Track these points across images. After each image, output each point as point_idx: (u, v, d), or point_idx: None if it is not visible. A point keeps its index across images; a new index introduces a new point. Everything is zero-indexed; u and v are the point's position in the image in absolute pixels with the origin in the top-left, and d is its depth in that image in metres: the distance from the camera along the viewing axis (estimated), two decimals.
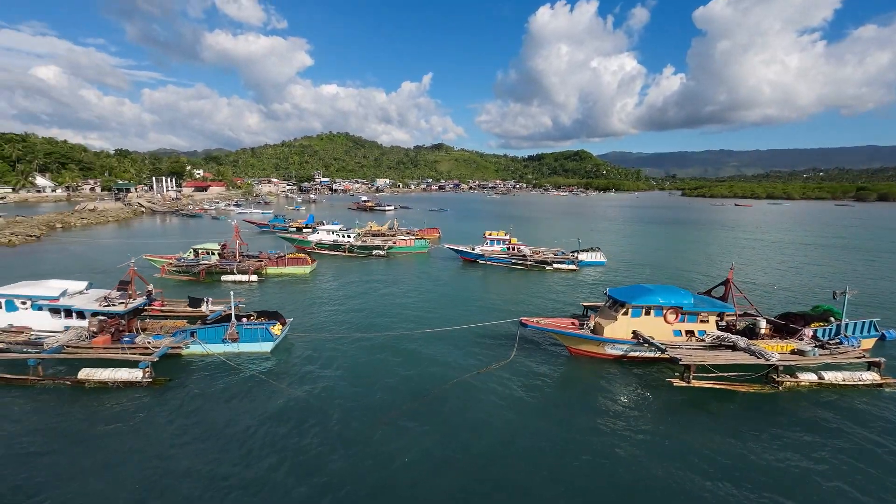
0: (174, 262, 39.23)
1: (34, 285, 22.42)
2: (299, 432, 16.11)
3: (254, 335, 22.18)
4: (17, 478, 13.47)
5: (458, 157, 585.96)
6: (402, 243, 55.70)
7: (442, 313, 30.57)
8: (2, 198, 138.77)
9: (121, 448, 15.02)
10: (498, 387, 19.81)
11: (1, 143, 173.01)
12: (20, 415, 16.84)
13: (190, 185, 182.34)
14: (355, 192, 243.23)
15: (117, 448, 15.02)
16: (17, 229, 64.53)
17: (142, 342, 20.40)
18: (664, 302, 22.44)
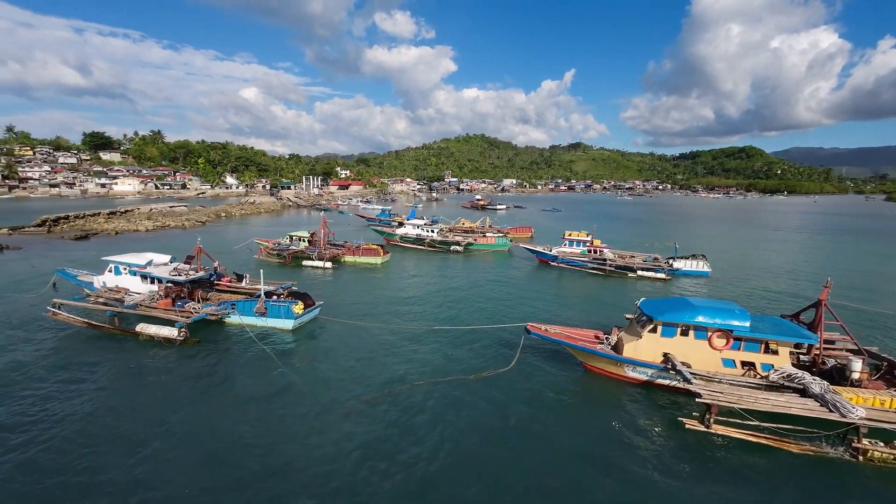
0: (270, 246, 45.13)
1: (134, 256, 28.16)
2: (267, 403, 17.18)
3: (278, 312, 24.31)
4: (71, 393, 17.11)
5: (597, 157, 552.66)
6: (483, 240, 54.92)
7: (478, 312, 29.36)
8: (202, 193, 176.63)
9: (139, 388, 17.97)
10: (474, 396, 18.23)
11: (208, 150, 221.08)
12: (88, 351, 21.33)
13: (335, 184, 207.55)
14: (480, 191, 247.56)
15: (136, 387, 18.01)
16: (192, 216, 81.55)
17: (190, 308, 24.02)
18: (708, 321, 17.90)
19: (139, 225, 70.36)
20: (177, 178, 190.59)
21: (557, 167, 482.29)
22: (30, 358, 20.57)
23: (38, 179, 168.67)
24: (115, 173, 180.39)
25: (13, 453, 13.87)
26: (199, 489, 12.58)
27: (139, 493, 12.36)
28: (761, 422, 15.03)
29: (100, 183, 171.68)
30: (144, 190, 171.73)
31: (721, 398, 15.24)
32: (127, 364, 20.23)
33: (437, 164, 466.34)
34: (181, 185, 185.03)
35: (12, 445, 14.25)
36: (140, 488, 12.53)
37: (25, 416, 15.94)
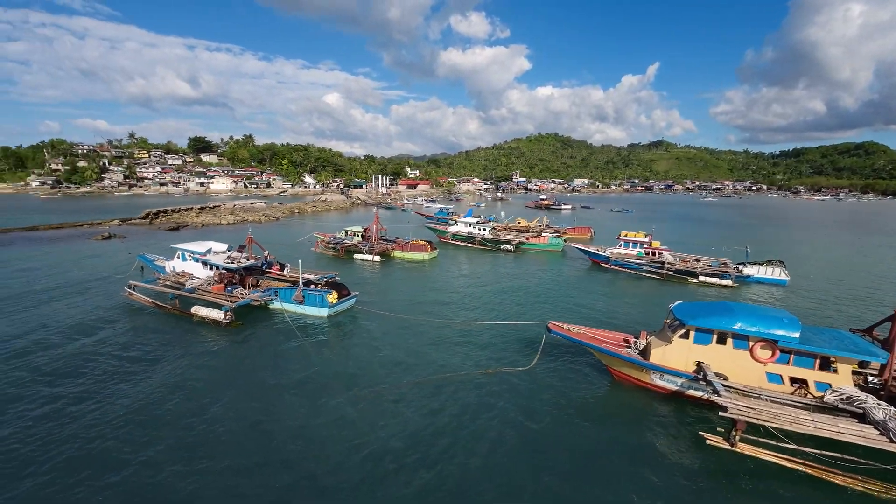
0: (326, 240, 47.65)
1: (197, 244, 31.21)
2: (286, 385, 18.26)
3: (314, 300, 25.65)
4: (126, 363, 19.56)
5: (681, 155, 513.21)
6: (536, 240, 53.52)
7: (513, 310, 28.75)
8: (284, 191, 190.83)
9: (185, 365, 19.99)
10: (486, 393, 17.90)
11: (291, 151, 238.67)
12: (150, 328, 24.05)
13: (403, 183, 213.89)
14: (549, 191, 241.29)
15: (183, 364, 20.05)
16: (268, 212, 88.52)
17: (238, 293, 26.15)
18: (748, 329, 15.94)
19: (222, 219, 77.86)
20: (263, 177, 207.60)
21: (636, 167, 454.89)
22: (103, 330, 23.69)
23: (151, 179, 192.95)
24: (213, 173, 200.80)
25: (70, 408, 16.10)
26: (227, 466, 13.69)
27: (180, 463, 13.74)
28: (801, 446, 13.10)
29: (199, 182, 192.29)
30: (235, 188, 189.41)
31: (749, 413, 13.50)
32: (179, 341, 22.53)
33: (507, 164, 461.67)
34: (266, 184, 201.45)
35: (70, 407, 16.53)
36: (180, 460, 13.92)
37: (88, 380, 18.42)
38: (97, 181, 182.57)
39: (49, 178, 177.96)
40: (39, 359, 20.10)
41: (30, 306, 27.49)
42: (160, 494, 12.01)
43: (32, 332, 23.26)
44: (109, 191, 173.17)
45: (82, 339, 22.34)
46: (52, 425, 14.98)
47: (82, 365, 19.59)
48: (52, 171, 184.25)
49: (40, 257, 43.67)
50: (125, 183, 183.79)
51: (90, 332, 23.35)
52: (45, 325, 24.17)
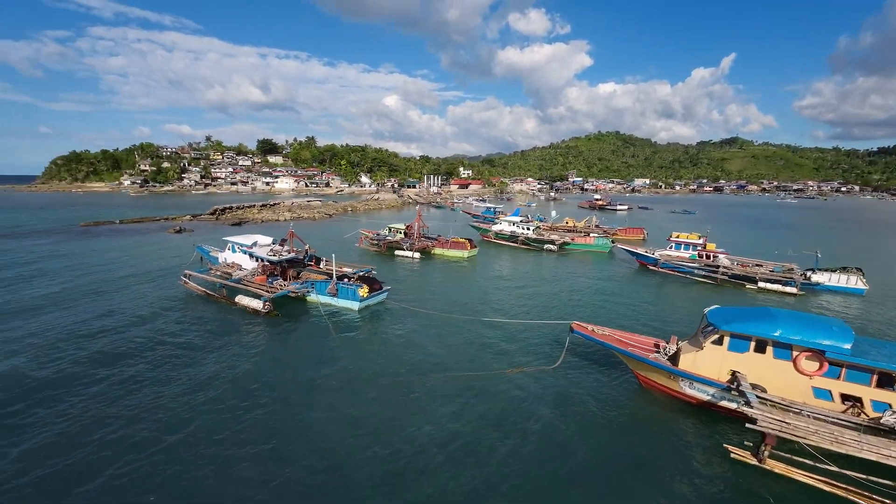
0: (370, 236, 48.98)
1: (245, 237, 33.25)
2: (310, 376, 19.06)
3: (346, 293, 26.51)
4: (172, 345, 21.39)
5: (758, 153, 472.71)
6: (581, 240, 51.68)
7: (544, 310, 28.02)
8: (341, 190, 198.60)
9: (222, 349, 21.49)
10: (506, 392, 17.61)
11: (349, 152, 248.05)
12: (198, 314, 26.02)
13: (456, 183, 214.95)
14: (607, 191, 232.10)
15: (221, 349, 21.56)
16: (323, 210, 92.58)
17: (277, 284, 27.61)
18: (791, 336, 14.40)
19: (280, 215, 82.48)
20: (322, 177, 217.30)
21: (705, 166, 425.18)
22: (159, 315, 25.99)
23: (223, 178, 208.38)
24: (277, 173, 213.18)
25: (119, 385, 17.83)
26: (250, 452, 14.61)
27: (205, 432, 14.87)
28: (843, 468, 11.66)
29: (265, 181, 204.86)
30: (297, 187, 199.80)
31: (781, 427, 12.21)
32: (221, 329, 24.18)
33: (564, 163, 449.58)
34: (325, 184, 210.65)
35: (117, 381, 18.30)
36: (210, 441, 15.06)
37: (136, 358, 20.31)
38: (178, 180, 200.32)
39: (138, 177, 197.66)
40: (99, 340, 22.45)
41: (103, 290, 30.77)
42: (195, 472, 12.98)
43: (101, 314, 26.04)
44: (188, 189, 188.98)
45: (140, 323, 24.69)
46: (100, 403, 16.68)
47: (135, 347, 21.63)
48: (141, 172, 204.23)
49: (119, 248, 48.71)
50: (201, 182, 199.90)
51: (148, 316, 25.70)
52: (112, 309, 26.97)
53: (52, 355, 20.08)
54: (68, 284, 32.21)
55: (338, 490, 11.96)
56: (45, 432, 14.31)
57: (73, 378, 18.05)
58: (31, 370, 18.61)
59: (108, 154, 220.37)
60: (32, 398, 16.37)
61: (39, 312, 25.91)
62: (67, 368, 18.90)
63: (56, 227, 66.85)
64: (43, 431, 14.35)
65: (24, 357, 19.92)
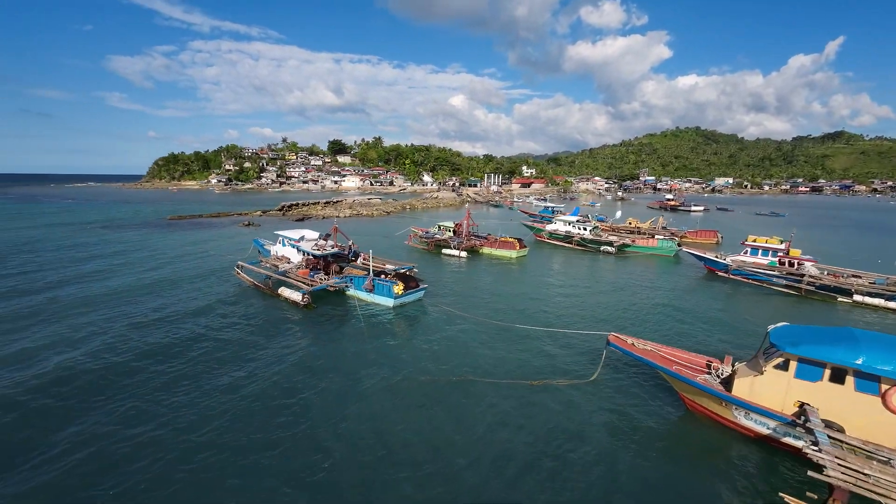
0: (419, 233, 48.90)
1: (293, 231, 34.34)
2: (329, 367, 19.01)
3: (381, 290, 26.35)
4: (227, 336, 22.48)
5: (869, 149, 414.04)
6: (643, 242, 47.81)
7: (591, 320, 25.99)
8: (403, 189, 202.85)
9: (260, 342, 22.20)
10: (532, 406, 16.28)
11: (414, 152, 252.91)
12: (246, 304, 27.17)
13: (517, 182, 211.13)
14: (682, 191, 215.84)
15: (258, 341, 22.28)
16: (381, 208, 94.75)
17: (318, 278, 28.12)
18: (878, 366, 11.71)
19: (341, 212, 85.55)
20: (387, 176, 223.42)
21: (801, 163, 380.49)
22: (210, 307, 27.45)
23: (296, 177, 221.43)
24: (345, 173, 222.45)
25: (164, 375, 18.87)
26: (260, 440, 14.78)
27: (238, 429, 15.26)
28: None
29: (333, 180, 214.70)
30: (362, 186, 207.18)
31: (858, 480, 9.81)
32: (262, 321, 25.02)
33: (636, 161, 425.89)
34: (389, 182, 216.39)
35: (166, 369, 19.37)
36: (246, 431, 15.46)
37: (175, 350, 21.49)
38: (257, 179, 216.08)
39: (223, 176, 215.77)
40: (149, 329, 24.09)
41: (171, 279, 33.36)
42: (214, 475, 13.25)
43: (160, 304, 28.12)
44: (265, 187, 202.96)
45: (191, 314, 26.19)
46: (145, 391, 17.73)
47: (179, 338, 22.94)
48: (226, 171, 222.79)
49: (194, 240, 52.95)
50: (277, 181, 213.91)
51: (199, 308, 27.17)
52: (171, 298, 29.04)
53: (102, 342, 21.82)
54: (144, 274, 35.28)
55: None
56: (81, 420, 15.39)
57: (114, 368, 19.44)
58: (80, 358, 20.30)
59: (199, 155, 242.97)
60: (74, 384, 17.78)
61: (110, 297, 28.53)
62: (111, 357, 20.42)
63: (147, 220, 74.47)
64: (80, 419, 15.44)
65: (78, 348, 21.83)
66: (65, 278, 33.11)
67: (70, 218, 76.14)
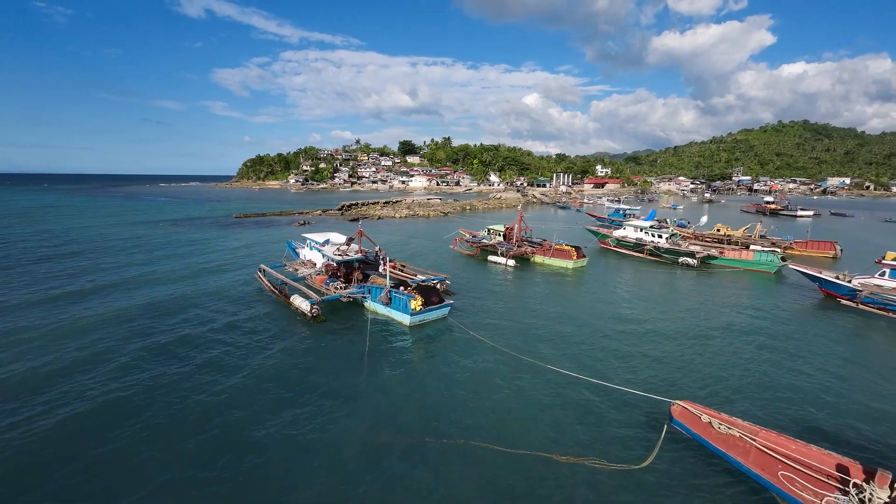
0: (466, 237, 44.64)
1: (320, 234, 31.83)
2: (308, 399, 15.57)
3: (398, 304, 22.64)
4: (221, 347, 20.22)
5: None
6: (734, 254, 39.33)
7: (661, 363, 20.18)
8: (469, 189, 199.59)
9: (253, 348, 19.52)
10: (545, 493, 11.49)
11: (482, 152, 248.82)
12: (257, 310, 24.87)
13: (590, 182, 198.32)
14: (787, 192, 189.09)
15: (254, 347, 19.61)
16: (439, 208, 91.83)
17: (333, 287, 25.07)
18: None
19: (397, 213, 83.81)
20: (453, 176, 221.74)
21: None
22: (222, 310, 25.58)
23: (367, 177, 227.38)
24: (413, 173, 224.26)
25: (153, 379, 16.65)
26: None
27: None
28: None
29: (401, 180, 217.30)
30: (429, 186, 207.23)
31: None
32: (264, 332, 22.43)
33: (729, 160, 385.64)
34: (455, 182, 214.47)
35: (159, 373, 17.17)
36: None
37: (164, 356, 19.33)
38: (331, 179, 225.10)
39: (300, 176, 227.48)
40: (153, 331, 22.41)
41: (202, 276, 32.45)
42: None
43: (178, 305, 26.78)
44: (337, 187, 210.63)
45: (200, 318, 24.43)
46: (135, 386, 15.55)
47: (176, 341, 20.93)
48: (303, 172, 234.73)
49: (246, 238, 53.37)
50: (348, 181, 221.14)
51: (212, 312, 25.45)
52: (190, 299, 27.67)
53: (102, 339, 20.33)
54: (179, 273, 34.89)
55: None
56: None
57: (97, 361, 17.62)
58: (69, 353, 18.80)
59: (281, 157, 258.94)
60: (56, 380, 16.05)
61: (131, 291, 27.82)
62: (102, 354, 18.73)
63: (216, 217, 78.06)
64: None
65: (67, 347, 20.54)
66: (105, 274, 33.50)
67: (151, 215, 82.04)
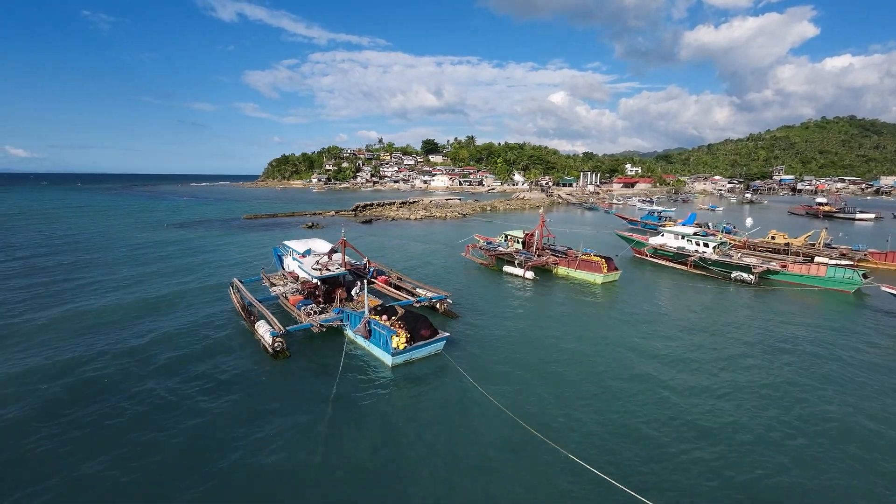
0: (481, 244, 39.54)
1: (301, 242, 27.44)
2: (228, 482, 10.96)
3: (377, 339, 17.88)
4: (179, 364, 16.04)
5: None
6: (802, 269, 32.76)
7: (721, 436, 14.79)
8: (492, 188, 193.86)
9: (203, 397, 15.19)
10: None
11: (506, 150, 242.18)
12: (217, 339, 20.60)
13: (619, 181, 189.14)
14: (834, 192, 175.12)
15: (205, 396, 15.30)
16: (457, 209, 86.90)
17: (308, 310, 20.54)
18: None
19: (413, 214, 79.29)
20: (476, 175, 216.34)
21: None
22: (181, 336, 21.49)
23: (389, 177, 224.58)
24: (435, 172, 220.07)
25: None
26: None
27: None
28: None
29: (423, 179, 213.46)
30: (451, 185, 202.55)
31: None
32: (218, 362, 18.15)
33: (768, 158, 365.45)
34: (478, 182, 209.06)
35: None
36: None
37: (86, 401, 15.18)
38: (353, 178, 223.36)
39: (323, 176, 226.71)
40: (93, 360, 18.42)
41: (180, 290, 28.62)
42: None
43: (145, 324, 22.86)
44: (359, 186, 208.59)
45: (148, 348, 20.36)
46: None
47: (110, 380, 16.86)
48: (326, 171, 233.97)
49: (245, 242, 49.86)
50: (370, 180, 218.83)
51: (169, 337, 21.43)
52: (157, 320, 23.71)
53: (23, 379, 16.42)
54: (157, 283, 31.30)
55: None
56: None
57: None
58: None
59: (306, 156, 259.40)
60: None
61: (97, 307, 24.16)
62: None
63: (227, 219, 75.44)
64: None
65: None
66: (67, 288, 30.18)
67: (164, 216, 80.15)
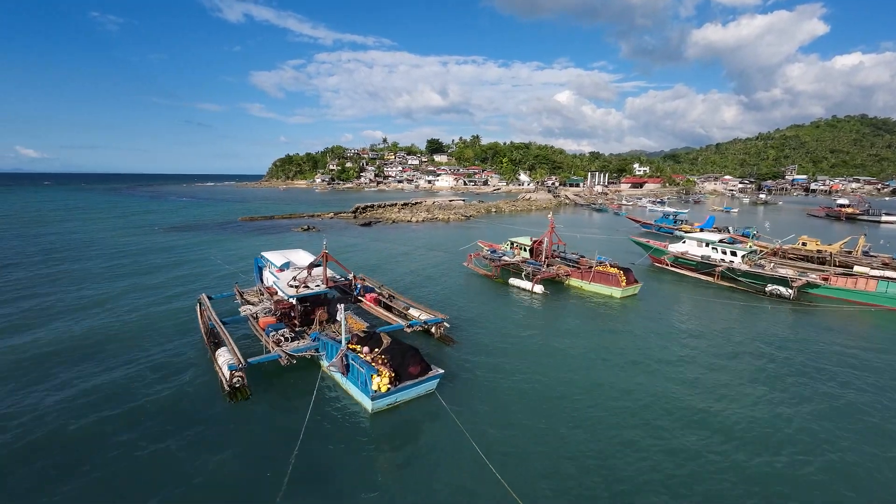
0: (484, 251, 36.25)
1: (280, 253, 24.36)
2: None
3: (355, 377, 14.69)
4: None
5: None
6: (845, 282, 29.15)
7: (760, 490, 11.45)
8: (498, 188, 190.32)
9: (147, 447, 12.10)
10: None
11: (512, 150, 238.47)
12: (170, 367, 17.48)
13: (627, 181, 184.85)
14: (849, 193, 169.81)
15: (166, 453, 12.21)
16: (461, 211, 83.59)
17: (279, 336, 17.38)
18: None
19: (415, 216, 76.00)
20: (481, 175, 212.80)
21: None
22: (138, 362, 18.44)
23: (393, 177, 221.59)
24: (440, 172, 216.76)
25: None
26: None
27: None
28: None
29: (427, 179, 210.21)
30: (455, 185, 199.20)
31: None
32: (175, 402, 15.05)
33: (778, 157, 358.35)
34: (483, 182, 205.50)
35: None
36: None
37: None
38: (356, 178, 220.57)
39: (326, 176, 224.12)
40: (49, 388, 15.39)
41: (151, 306, 25.68)
42: None
43: (99, 346, 19.85)
44: (363, 186, 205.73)
45: (94, 381, 17.31)
46: None
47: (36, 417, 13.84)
48: (329, 171, 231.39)
49: (234, 248, 46.93)
50: (374, 180, 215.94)
51: (126, 362, 18.42)
52: (103, 339, 20.71)
53: None
54: (116, 295, 28.41)
55: None
56: None
57: None
58: None
59: (310, 156, 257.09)
60: None
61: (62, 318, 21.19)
62: None
63: (223, 221, 72.64)
64: None
65: None
66: (28, 299, 27.32)
67: (159, 218, 77.48)
